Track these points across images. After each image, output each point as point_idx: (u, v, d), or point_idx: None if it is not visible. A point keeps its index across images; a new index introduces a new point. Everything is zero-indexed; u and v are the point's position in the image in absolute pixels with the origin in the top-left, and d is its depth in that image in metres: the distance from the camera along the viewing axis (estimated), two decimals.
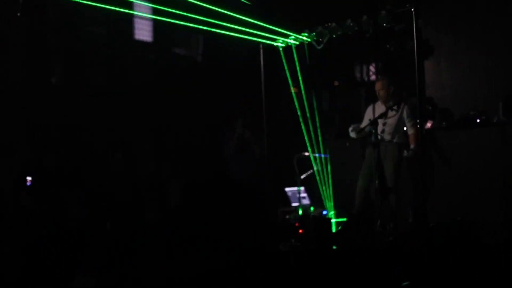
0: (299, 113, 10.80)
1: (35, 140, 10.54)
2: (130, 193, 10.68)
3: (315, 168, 10.44)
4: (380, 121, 9.62)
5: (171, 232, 9.81)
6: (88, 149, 11.16)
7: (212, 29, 9.82)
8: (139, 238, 9.41)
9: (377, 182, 9.08)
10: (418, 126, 9.06)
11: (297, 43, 10.81)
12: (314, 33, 10.48)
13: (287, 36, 10.70)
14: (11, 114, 10.62)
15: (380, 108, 9.87)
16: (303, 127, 10.66)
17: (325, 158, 10.49)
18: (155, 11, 12.03)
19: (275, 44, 10.92)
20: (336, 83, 11.79)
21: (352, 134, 9.94)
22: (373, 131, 9.09)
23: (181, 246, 9.33)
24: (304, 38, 10.60)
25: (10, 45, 11.19)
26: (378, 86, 9.91)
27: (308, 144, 10.58)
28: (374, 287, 7.54)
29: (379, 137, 9.34)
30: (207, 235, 9.73)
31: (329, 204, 10.35)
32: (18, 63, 11.29)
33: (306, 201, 10.52)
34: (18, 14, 11.07)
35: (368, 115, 10.00)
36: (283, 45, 10.94)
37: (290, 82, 10.82)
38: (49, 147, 10.56)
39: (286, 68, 10.82)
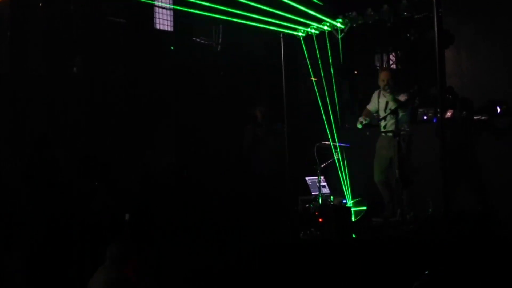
0: (319, 101, 10.83)
1: (58, 132, 10.63)
2: (151, 186, 10.75)
3: (335, 157, 10.47)
4: (383, 112, 9.97)
5: (192, 224, 9.87)
6: (111, 141, 11.23)
7: (234, 19, 9.84)
8: (161, 230, 9.49)
9: (397, 171, 9.13)
10: (439, 115, 9.06)
11: (317, 32, 10.82)
12: (335, 21, 10.51)
13: (307, 25, 10.71)
14: (33, 106, 10.72)
15: (382, 97, 9.99)
16: (323, 116, 10.71)
17: (345, 147, 10.51)
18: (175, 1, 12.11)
19: (296, 33, 10.93)
20: (356, 72, 11.77)
21: (359, 125, 10.11)
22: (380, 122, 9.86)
23: (202, 237, 9.40)
24: (325, 27, 10.61)
25: (31, 35, 11.26)
26: (386, 75, 9.95)
27: (328, 133, 10.61)
28: (393, 276, 7.58)
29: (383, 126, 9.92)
30: (227, 226, 9.80)
31: (348, 193, 10.37)
32: (39, 54, 11.36)
33: (326, 190, 10.53)
34: (40, 4, 11.14)
35: (374, 100, 10.27)
36: (303, 34, 10.96)
37: (311, 71, 10.81)
38: (72, 139, 10.64)
39: (306, 56, 10.83)
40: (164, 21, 13.39)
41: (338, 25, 10.49)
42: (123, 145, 11.38)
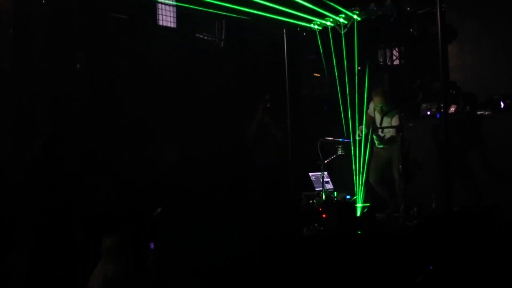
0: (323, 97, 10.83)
1: (61, 128, 10.63)
2: (154, 180, 10.75)
3: (339, 153, 10.45)
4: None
5: (195, 219, 9.87)
6: (113, 136, 11.23)
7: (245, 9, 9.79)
8: (164, 226, 9.48)
9: (400, 167, 9.13)
10: (442, 110, 9.05)
11: (320, 28, 10.79)
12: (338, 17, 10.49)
13: (310, 21, 10.68)
14: (35, 102, 10.72)
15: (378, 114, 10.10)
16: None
17: (349, 143, 10.50)
18: None
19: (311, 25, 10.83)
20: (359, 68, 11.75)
21: (357, 137, 10.13)
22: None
23: (204, 232, 9.40)
24: (328, 23, 10.58)
25: (34, 31, 11.26)
26: (379, 100, 9.93)
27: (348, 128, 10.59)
28: (397, 271, 7.58)
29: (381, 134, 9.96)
30: (231, 221, 9.80)
31: (359, 189, 10.33)
32: (41, 50, 11.36)
33: (329, 186, 10.52)
34: (43, 0, 11.14)
35: (371, 109, 10.25)
36: (320, 27, 10.85)
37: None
38: (75, 135, 10.64)
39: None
40: (167, 17, 13.38)
41: (341, 20, 10.46)
42: (126, 140, 11.38)
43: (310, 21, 10.71)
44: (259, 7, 9.67)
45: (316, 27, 10.80)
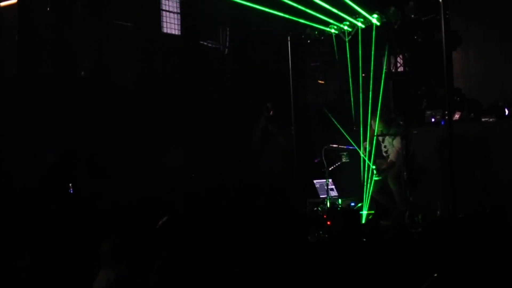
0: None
1: (65, 135, 10.66)
2: (161, 186, 10.76)
3: (343, 160, 10.44)
4: (382, 144, 10.21)
5: (200, 224, 9.86)
6: (117, 142, 11.25)
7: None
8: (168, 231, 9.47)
9: (405, 174, 9.13)
10: (447, 117, 9.05)
11: (337, 32, 10.71)
12: (342, 25, 10.47)
13: (327, 24, 10.59)
14: (41, 108, 10.76)
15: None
16: (332, 119, 10.69)
17: (353, 150, 10.49)
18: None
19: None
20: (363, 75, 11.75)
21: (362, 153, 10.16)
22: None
23: (210, 239, 9.38)
24: (332, 30, 10.56)
25: (39, 38, 11.30)
26: (379, 125, 9.99)
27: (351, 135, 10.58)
28: (402, 278, 7.56)
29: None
30: (236, 227, 9.79)
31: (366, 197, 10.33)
32: (46, 57, 11.40)
33: (334, 193, 10.51)
34: (48, 9, 11.18)
35: (373, 126, 10.24)
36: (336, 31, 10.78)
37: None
38: (78, 141, 10.66)
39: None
40: (171, 25, 13.43)
41: (332, 31, 10.44)
42: (131, 146, 11.41)
43: (327, 24, 10.55)
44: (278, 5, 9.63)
45: (333, 31, 10.64)
